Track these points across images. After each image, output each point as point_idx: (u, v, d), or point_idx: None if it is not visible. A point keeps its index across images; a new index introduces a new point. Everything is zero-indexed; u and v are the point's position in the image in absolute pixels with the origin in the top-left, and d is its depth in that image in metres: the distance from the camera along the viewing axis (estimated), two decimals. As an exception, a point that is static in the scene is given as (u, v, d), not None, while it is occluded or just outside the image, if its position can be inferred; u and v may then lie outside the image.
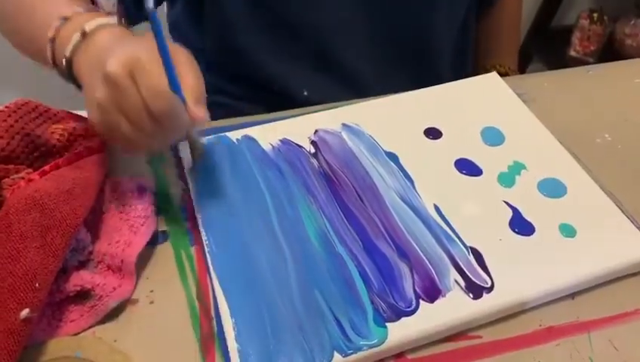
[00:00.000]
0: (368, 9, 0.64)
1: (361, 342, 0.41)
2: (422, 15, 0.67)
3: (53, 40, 0.50)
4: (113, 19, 0.50)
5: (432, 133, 0.56)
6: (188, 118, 0.43)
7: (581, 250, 0.47)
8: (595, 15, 1.61)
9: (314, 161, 0.54)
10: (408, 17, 0.66)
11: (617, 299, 0.46)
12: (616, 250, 0.47)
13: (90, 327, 0.44)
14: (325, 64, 0.67)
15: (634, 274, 0.47)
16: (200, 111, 0.44)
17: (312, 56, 0.66)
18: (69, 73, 0.49)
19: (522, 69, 1.77)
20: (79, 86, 0.49)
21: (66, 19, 0.50)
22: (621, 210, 0.50)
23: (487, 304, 0.44)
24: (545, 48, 1.74)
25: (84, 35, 0.48)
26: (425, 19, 0.67)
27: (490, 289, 0.44)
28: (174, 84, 0.42)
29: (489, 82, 0.62)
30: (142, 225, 0.48)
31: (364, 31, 0.65)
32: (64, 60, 0.49)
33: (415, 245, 0.47)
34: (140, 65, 0.42)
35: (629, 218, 0.50)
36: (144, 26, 0.48)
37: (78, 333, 0.43)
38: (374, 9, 0.64)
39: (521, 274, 0.45)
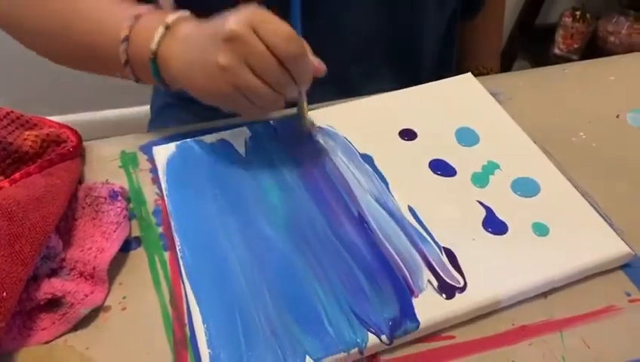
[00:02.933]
0: (360, 9, 0.64)
1: (334, 346, 0.41)
2: (412, 17, 0.67)
3: (126, 39, 0.51)
4: (187, 13, 0.51)
5: (407, 135, 0.56)
6: (312, 64, 0.47)
7: (554, 249, 0.47)
8: (578, 13, 1.62)
9: (289, 165, 0.53)
10: (399, 18, 0.66)
11: (590, 297, 0.46)
12: (589, 248, 0.47)
13: (61, 335, 0.43)
14: None
15: (606, 272, 0.48)
16: (319, 62, 0.48)
17: None
18: (155, 67, 0.50)
19: (507, 68, 1.78)
20: (163, 82, 0.51)
21: (137, 17, 0.51)
22: (595, 208, 0.51)
23: (460, 304, 0.44)
24: (529, 47, 1.75)
25: (168, 27, 0.49)
26: (415, 20, 0.67)
27: (463, 289, 0.44)
28: (299, 30, 0.46)
29: (464, 83, 0.62)
30: (114, 231, 0.47)
31: (355, 31, 0.65)
32: (150, 54, 0.49)
33: (389, 247, 0.47)
34: (260, 17, 0.44)
35: (602, 216, 0.50)
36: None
37: (50, 342, 0.43)
38: (366, 9, 0.64)
39: (494, 274, 0.45)
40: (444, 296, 0.44)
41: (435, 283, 0.45)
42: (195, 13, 0.51)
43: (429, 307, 0.43)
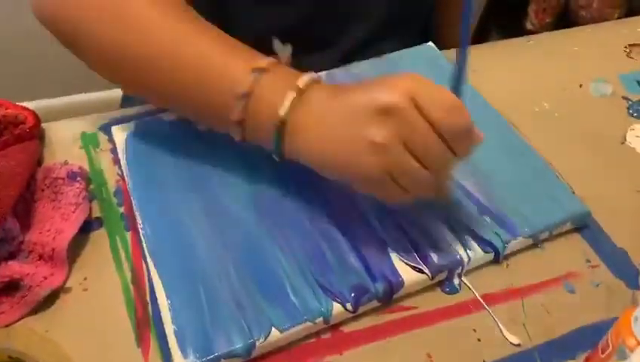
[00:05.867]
0: None
1: (299, 316, 0.41)
2: None
3: (247, 96, 0.42)
4: (316, 75, 0.44)
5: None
6: (477, 136, 0.40)
7: (514, 210, 0.48)
8: (550, -13, 1.62)
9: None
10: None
11: (550, 265, 0.47)
12: (549, 208, 0.48)
13: (21, 318, 0.43)
14: (309, 37, 0.63)
15: (566, 239, 0.48)
16: (478, 130, 0.40)
17: (299, 27, 0.62)
18: (278, 136, 0.42)
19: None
20: (280, 151, 0.43)
21: (261, 71, 0.43)
22: (557, 175, 0.51)
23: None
24: (503, 22, 1.74)
25: (300, 93, 0.42)
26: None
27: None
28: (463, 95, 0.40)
29: (425, 53, 0.62)
30: (73, 212, 0.47)
31: (358, 9, 0.63)
32: (278, 121, 0.42)
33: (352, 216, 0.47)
34: (420, 86, 0.38)
35: (565, 184, 0.51)
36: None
37: (9, 325, 0.42)
38: None
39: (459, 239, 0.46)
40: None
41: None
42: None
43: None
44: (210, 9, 0.53)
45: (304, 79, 0.42)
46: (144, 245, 0.45)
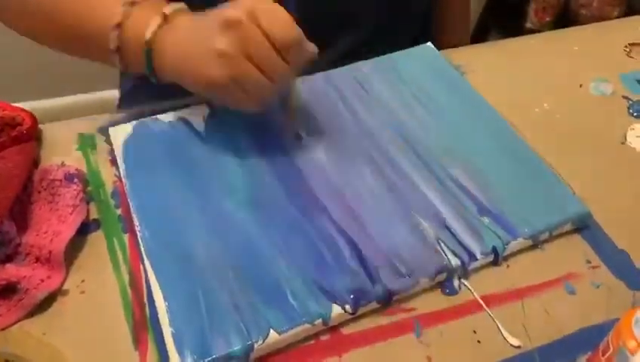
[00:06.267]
0: None
1: (298, 318, 0.41)
2: None
3: (119, 26, 0.49)
4: (183, 5, 0.50)
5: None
6: (308, 49, 0.46)
7: (515, 212, 0.47)
8: (550, -14, 1.62)
9: (249, 141, 0.53)
10: None
11: (550, 265, 0.46)
12: (549, 209, 0.48)
13: (18, 321, 0.42)
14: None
15: (566, 240, 0.48)
16: (313, 46, 0.46)
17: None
18: (148, 57, 0.48)
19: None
20: (153, 72, 0.50)
21: (132, 4, 0.49)
22: (557, 176, 0.51)
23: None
24: (502, 21, 1.74)
25: (165, 18, 0.48)
26: None
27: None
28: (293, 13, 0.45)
29: (424, 53, 0.61)
30: (70, 214, 0.46)
31: (349, 9, 0.64)
32: (144, 43, 0.48)
33: (350, 219, 0.47)
34: (258, 4, 0.44)
35: (565, 184, 0.50)
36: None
37: (6, 328, 0.42)
38: None
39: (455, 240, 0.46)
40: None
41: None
42: (190, 7, 0.50)
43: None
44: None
45: (170, 7, 0.48)
46: (142, 247, 0.45)
